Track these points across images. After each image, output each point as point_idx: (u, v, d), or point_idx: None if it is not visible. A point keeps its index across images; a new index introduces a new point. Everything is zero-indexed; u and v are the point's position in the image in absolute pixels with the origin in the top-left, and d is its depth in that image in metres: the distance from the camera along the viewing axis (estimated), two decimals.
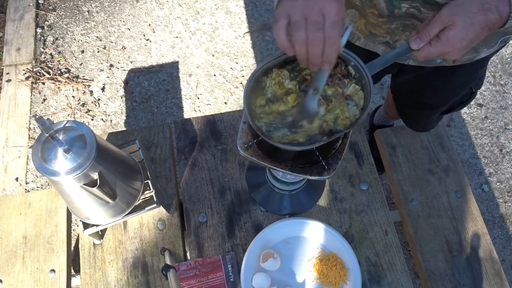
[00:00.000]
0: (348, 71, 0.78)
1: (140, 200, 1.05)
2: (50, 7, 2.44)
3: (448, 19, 0.70)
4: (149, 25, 2.38)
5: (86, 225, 1.02)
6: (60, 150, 0.80)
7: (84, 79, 2.23)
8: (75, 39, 2.34)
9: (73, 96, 2.18)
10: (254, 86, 0.78)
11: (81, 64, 2.27)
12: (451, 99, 1.22)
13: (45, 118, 0.79)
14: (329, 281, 1.02)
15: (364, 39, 1.03)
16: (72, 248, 1.23)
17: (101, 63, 2.27)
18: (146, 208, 1.04)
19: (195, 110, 2.15)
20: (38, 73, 2.23)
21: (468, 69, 1.04)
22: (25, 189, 1.95)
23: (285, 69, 0.81)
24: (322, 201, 1.14)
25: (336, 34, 0.64)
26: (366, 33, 1.01)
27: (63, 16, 2.41)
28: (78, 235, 1.19)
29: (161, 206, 1.09)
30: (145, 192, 1.06)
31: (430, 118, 1.33)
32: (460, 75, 1.07)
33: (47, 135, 0.80)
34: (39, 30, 2.36)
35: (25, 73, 2.22)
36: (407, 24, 0.91)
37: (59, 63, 2.27)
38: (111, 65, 2.27)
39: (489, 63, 2.29)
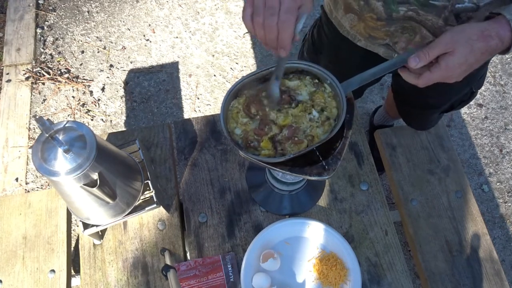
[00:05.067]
0: (291, 97, 0.84)
1: (140, 200, 1.05)
2: (50, 8, 2.44)
3: (449, 46, 0.71)
4: (149, 25, 2.38)
5: (86, 225, 1.02)
6: (60, 150, 0.80)
7: (84, 79, 2.23)
8: (75, 39, 2.34)
9: (73, 96, 2.18)
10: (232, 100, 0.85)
11: (81, 64, 2.27)
12: (452, 99, 1.22)
13: (45, 118, 0.79)
14: (329, 281, 1.02)
15: (364, 41, 1.04)
16: (72, 248, 1.23)
17: (101, 63, 2.27)
18: (146, 208, 1.04)
19: (195, 110, 2.15)
20: (38, 73, 2.23)
21: None
22: (25, 189, 1.95)
23: (265, 85, 0.85)
24: (322, 201, 1.14)
25: (289, 19, 0.66)
26: (366, 36, 1.01)
27: (63, 16, 2.41)
28: (78, 235, 1.19)
29: (161, 206, 1.09)
30: (145, 192, 1.06)
31: (431, 117, 1.33)
32: None
33: (47, 135, 0.80)
34: (39, 30, 2.36)
35: (25, 73, 2.22)
36: (406, 26, 0.92)
37: (59, 63, 2.27)
38: (111, 65, 2.27)
39: (489, 63, 2.29)
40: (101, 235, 1.09)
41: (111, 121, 2.13)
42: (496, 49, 0.72)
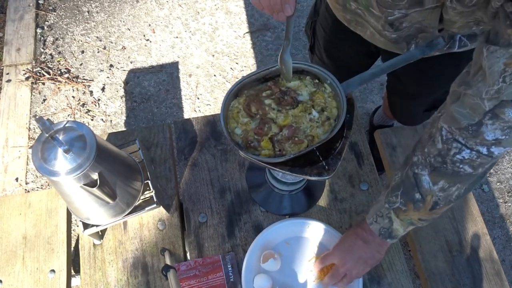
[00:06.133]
0: (293, 98, 0.85)
1: (140, 200, 1.05)
2: (50, 7, 2.44)
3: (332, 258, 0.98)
4: (149, 25, 2.38)
5: (86, 225, 1.02)
6: (60, 150, 0.80)
7: (84, 79, 2.23)
8: (75, 39, 2.34)
9: (73, 96, 2.18)
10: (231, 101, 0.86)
11: (81, 64, 2.27)
12: (432, 93, 1.25)
13: (45, 118, 0.79)
14: None
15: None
16: (72, 248, 1.23)
17: (101, 63, 2.27)
18: (146, 208, 1.04)
19: (195, 110, 2.16)
20: (38, 73, 2.23)
21: (440, 62, 1.05)
22: (25, 189, 1.95)
23: (265, 84, 0.86)
24: (322, 201, 1.14)
25: None
26: (333, 9, 1.06)
27: (63, 16, 2.41)
28: (78, 235, 1.19)
29: (161, 206, 1.09)
30: (145, 192, 1.06)
31: (414, 110, 1.41)
32: (433, 64, 1.08)
33: (47, 135, 0.80)
34: (39, 30, 2.36)
35: (25, 73, 2.22)
36: (358, 20, 0.97)
37: (59, 63, 2.27)
38: (111, 65, 2.27)
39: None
40: (101, 235, 1.09)
41: (111, 121, 2.13)
42: (371, 251, 0.92)
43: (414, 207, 0.80)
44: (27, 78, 2.21)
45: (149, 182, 1.05)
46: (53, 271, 1.08)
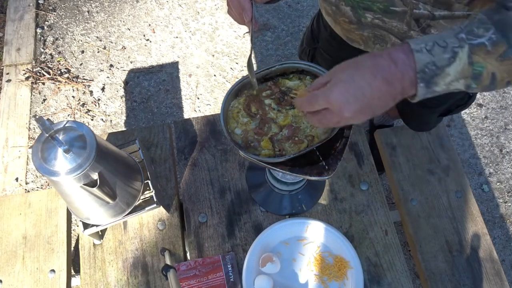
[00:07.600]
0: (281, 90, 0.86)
1: (140, 200, 1.05)
2: (50, 7, 2.44)
3: (329, 75, 0.64)
4: (149, 25, 2.38)
5: (86, 225, 1.02)
6: (60, 150, 0.80)
7: (84, 79, 2.23)
8: (75, 39, 2.34)
9: (73, 96, 2.18)
10: (231, 101, 0.87)
11: (81, 64, 2.27)
12: (447, 100, 1.23)
13: (45, 118, 0.79)
14: (331, 280, 1.02)
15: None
16: (72, 248, 1.23)
17: (101, 63, 2.27)
18: (146, 208, 1.04)
19: (195, 110, 2.15)
20: (38, 73, 2.23)
21: None
22: (25, 189, 1.95)
23: (265, 84, 0.87)
24: (322, 201, 1.14)
25: None
26: (345, 37, 1.05)
27: (63, 16, 2.41)
28: (78, 235, 1.19)
29: (161, 206, 1.09)
30: (145, 192, 1.06)
31: (428, 117, 1.35)
32: None
33: (47, 135, 0.80)
34: (39, 30, 2.36)
35: (25, 73, 2.22)
36: (377, 34, 0.95)
37: (59, 63, 2.27)
38: (111, 65, 2.27)
39: None
40: (101, 235, 1.09)
41: (111, 121, 2.13)
42: (390, 72, 0.60)
43: (505, 52, 0.58)
44: (27, 78, 2.21)
45: (149, 182, 1.05)
46: (53, 271, 1.08)
